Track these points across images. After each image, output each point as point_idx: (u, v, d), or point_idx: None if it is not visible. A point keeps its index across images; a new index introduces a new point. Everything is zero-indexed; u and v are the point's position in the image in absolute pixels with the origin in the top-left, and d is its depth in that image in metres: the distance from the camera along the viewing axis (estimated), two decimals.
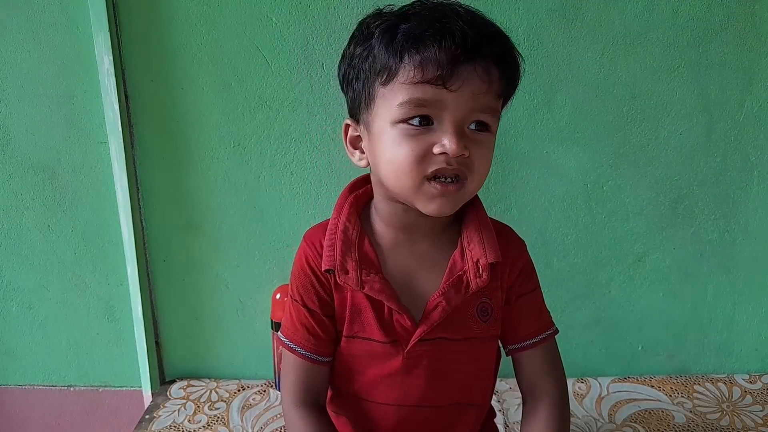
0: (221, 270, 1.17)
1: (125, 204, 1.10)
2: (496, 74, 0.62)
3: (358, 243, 0.71)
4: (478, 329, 0.72)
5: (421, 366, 0.72)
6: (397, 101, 0.62)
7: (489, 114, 0.63)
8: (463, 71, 0.60)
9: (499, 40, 0.63)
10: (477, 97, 0.61)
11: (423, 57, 0.59)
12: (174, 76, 1.07)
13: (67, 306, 1.21)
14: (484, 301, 0.72)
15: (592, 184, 1.11)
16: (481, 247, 0.70)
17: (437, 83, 0.60)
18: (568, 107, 1.08)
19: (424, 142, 0.62)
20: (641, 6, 1.03)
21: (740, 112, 1.08)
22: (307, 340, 0.74)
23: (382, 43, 0.62)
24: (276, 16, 1.04)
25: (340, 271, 0.69)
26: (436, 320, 0.70)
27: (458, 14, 0.61)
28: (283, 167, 1.11)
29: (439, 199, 0.64)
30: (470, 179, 0.64)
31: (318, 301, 0.73)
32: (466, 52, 0.59)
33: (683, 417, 1.07)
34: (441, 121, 0.62)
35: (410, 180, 0.63)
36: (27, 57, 1.07)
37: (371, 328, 0.71)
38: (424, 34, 0.60)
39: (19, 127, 1.11)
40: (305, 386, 0.75)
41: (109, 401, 1.26)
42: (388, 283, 0.70)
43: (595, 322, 1.19)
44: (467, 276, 0.70)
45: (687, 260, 1.15)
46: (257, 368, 1.21)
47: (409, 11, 0.63)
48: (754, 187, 1.12)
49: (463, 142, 0.61)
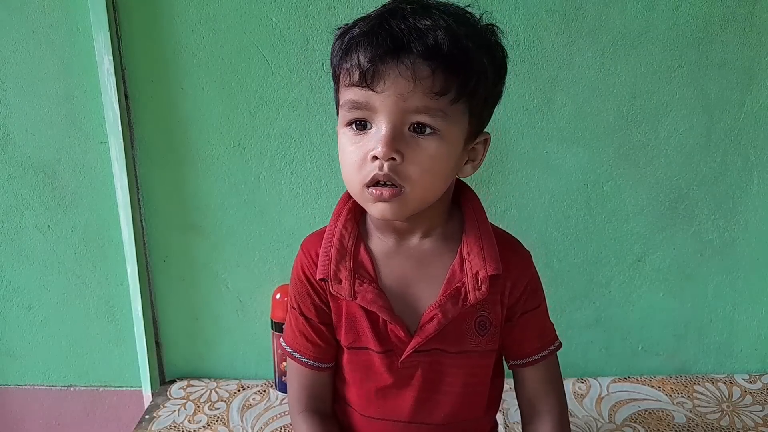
0: (221, 270, 1.17)
1: (125, 204, 1.10)
2: (425, 71, 0.58)
3: (354, 251, 0.70)
4: (476, 342, 0.71)
5: (414, 377, 0.72)
6: (341, 103, 0.64)
7: (426, 114, 0.60)
8: (385, 71, 0.59)
9: (432, 34, 0.58)
10: (405, 97, 0.59)
11: (351, 61, 0.60)
12: (174, 76, 1.07)
13: (67, 306, 1.21)
14: (482, 315, 0.71)
15: (592, 184, 1.11)
16: (481, 258, 0.68)
17: (362, 85, 0.60)
18: (568, 107, 1.08)
19: (362, 148, 0.62)
20: (641, 6, 1.03)
21: (740, 112, 1.08)
22: (306, 348, 0.75)
23: (335, 49, 0.64)
24: (276, 16, 1.04)
25: (333, 280, 0.69)
26: (431, 333, 0.68)
27: (398, 13, 0.60)
28: (283, 167, 1.11)
29: (379, 204, 0.63)
30: (409, 187, 0.62)
31: (314, 310, 0.74)
32: (385, 50, 0.58)
33: (683, 417, 1.07)
34: (375, 123, 0.61)
35: (353, 186, 0.64)
36: (27, 57, 1.07)
37: (366, 337, 0.71)
38: (357, 38, 0.61)
39: (19, 127, 1.11)
40: (308, 393, 0.76)
41: (109, 401, 1.26)
42: (381, 293, 0.69)
43: (595, 322, 1.19)
44: (466, 288, 0.68)
45: (687, 260, 1.15)
46: (257, 368, 1.21)
47: (370, 14, 0.63)
48: (754, 187, 1.12)
49: (394, 145, 0.60)
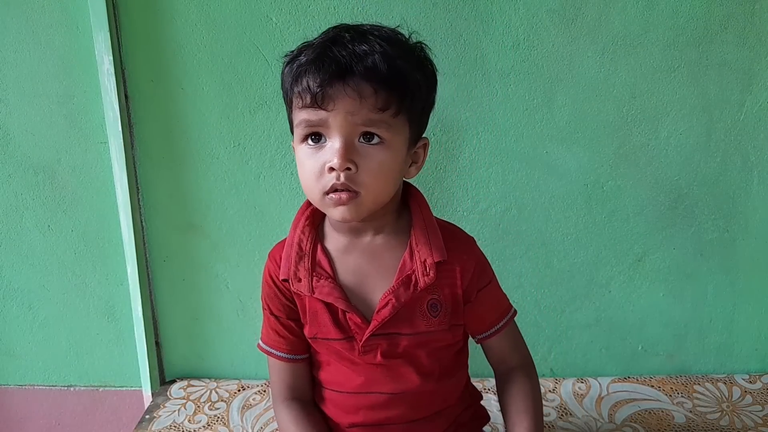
0: (221, 270, 1.17)
1: (125, 204, 1.10)
2: (368, 90, 0.67)
3: (312, 252, 0.78)
4: (428, 324, 0.78)
5: (377, 358, 0.78)
6: (296, 123, 0.71)
7: (373, 126, 0.68)
8: (333, 92, 0.67)
9: (371, 59, 0.67)
10: (353, 113, 0.67)
11: (302, 85, 0.68)
12: (174, 76, 1.07)
13: (67, 306, 1.21)
14: (433, 298, 0.78)
15: (592, 184, 1.11)
16: (428, 248, 0.76)
17: (314, 106, 0.67)
18: (568, 107, 1.08)
19: (319, 161, 0.69)
20: (641, 6, 1.03)
21: (740, 112, 1.08)
22: (279, 342, 0.82)
23: (286, 74, 0.72)
24: (276, 16, 1.04)
25: (293, 279, 0.77)
26: (386, 316, 0.75)
27: (339, 41, 0.68)
28: (283, 167, 1.11)
29: (339, 207, 0.70)
30: (363, 191, 0.69)
31: (282, 308, 0.82)
32: (332, 75, 0.66)
33: (683, 417, 1.07)
34: (330, 137, 0.69)
35: (314, 195, 0.72)
36: (27, 57, 1.07)
37: (327, 328, 0.78)
38: (305, 65, 0.68)
39: (19, 127, 1.11)
40: (286, 383, 0.83)
41: (109, 401, 1.26)
42: (337, 286, 0.76)
43: (595, 322, 1.19)
44: (416, 275, 0.76)
45: (687, 260, 1.15)
46: (257, 368, 1.22)
47: (312, 42, 0.71)
48: (754, 187, 1.12)
49: (348, 156, 0.68)
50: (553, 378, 1.18)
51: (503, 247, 1.14)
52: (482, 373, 0.87)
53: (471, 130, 1.09)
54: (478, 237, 1.12)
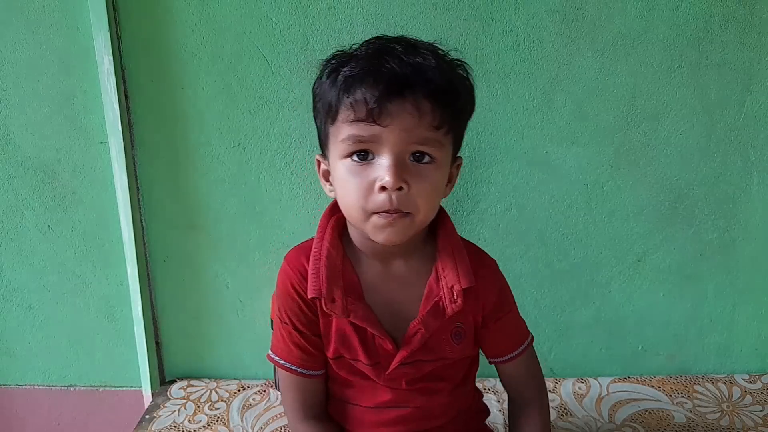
0: (221, 270, 1.17)
1: (125, 204, 1.10)
2: (427, 107, 0.64)
3: (343, 269, 0.74)
4: (451, 351, 0.77)
5: (402, 382, 0.77)
6: (340, 138, 0.66)
7: (426, 145, 0.66)
8: (392, 108, 0.63)
9: (430, 74, 0.64)
10: (409, 131, 0.64)
11: (355, 98, 0.64)
12: (174, 76, 1.07)
13: (67, 306, 1.21)
14: (458, 326, 0.76)
15: (592, 184, 1.11)
16: (455, 273, 0.73)
17: (368, 120, 0.64)
18: (568, 107, 1.08)
19: (366, 178, 0.66)
20: (641, 6, 1.03)
21: (740, 112, 1.08)
22: (302, 359, 0.78)
23: (327, 85, 0.67)
24: (276, 16, 1.04)
25: (327, 299, 0.72)
26: (417, 346, 0.74)
27: (393, 53, 0.65)
28: (283, 167, 1.11)
29: (388, 228, 0.66)
30: (415, 212, 0.66)
31: (307, 324, 0.77)
32: (391, 89, 0.63)
33: (683, 417, 1.07)
34: (380, 154, 0.65)
35: (358, 214, 0.67)
36: (27, 57, 1.07)
37: (356, 351, 0.76)
38: (357, 77, 0.64)
39: (19, 127, 1.11)
40: (307, 401, 0.80)
41: (109, 401, 1.26)
42: (371, 310, 0.74)
43: (595, 322, 1.19)
44: (443, 302, 0.73)
45: (687, 260, 1.15)
46: (257, 368, 1.21)
47: (355, 53, 0.68)
48: (754, 187, 1.12)
49: (401, 175, 0.64)
50: (553, 378, 1.18)
51: (503, 247, 1.14)
52: (482, 372, 0.87)
53: (471, 130, 1.07)
54: (478, 237, 1.13)
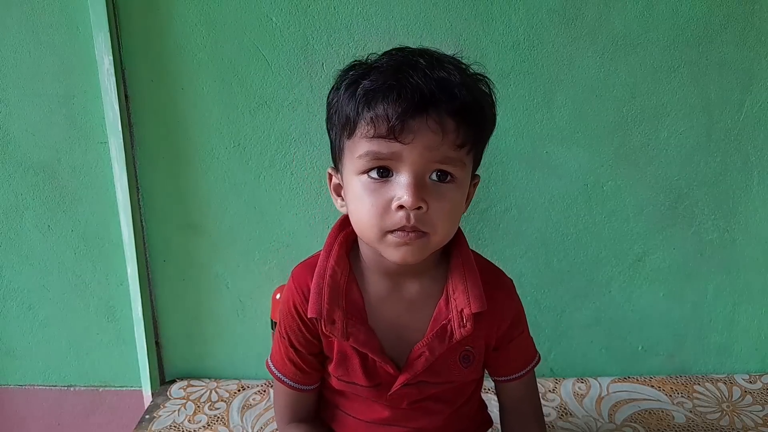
0: (221, 270, 1.17)
1: (125, 204, 1.10)
2: (451, 125, 0.61)
3: (347, 289, 0.72)
4: (459, 374, 0.75)
5: (404, 401, 0.76)
6: (357, 154, 0.63)
7: (448, 164, 0.63)
8: (414, 125, 0.60)
9: (456, 90, 0.61)
10: (432, 149, 0.61)
11: (375, 113, 0.61)
12: (174, 76, 1.07)
13: (67, 306, 1.21)
14: (467, 350, 0.74)
15: (592, 184, 1.11)
16: (465, 296, 0.70)
17: (389, 137, 0.60)
18: (568, 107, 1.08)
19: (383, 196, 0.63)
20: (641, 6, 1.03)
21: (740, 112, 1.08)
22: (294, 373, 0.78)
23: (345, 98, 0.64)
24: (276, 16, 1.04)
25: (326, 321, 0.70)
26: (419, 370, 0.72)
27: (417, 67, 0.62)
28: (283, 167, 1.11)
29: (403, 247, 0.64)
30: (432, 232, 0.64)
31: (305, 343, 0.76)
32: (415, 106, 0.59)
33: (683, 417, 1.07)
34: (399, 172, 0.62)
35: (372, 233, 0.64)
36: (27, 57, 1.07)
37: (356, 374, 0.74)
38: (378, 91, 0.61)
39: (19, 127, 1.11)
40: (294, 409, 0.81)
41: (109, 401, 1.26)
42: (372, 334, 0.71)
43: (595, 322, 1.19)
44: (452, 325, 0.71)
45: (687, 260, 1.15)
46: (257, 368, 1.21)
47: (375, 64, 0.64)
48: (754, 187, 1.12)
49: (420, 194, 0.61)
50: (553, 378, 1.18)
51: (503, 247, 1.14)
52: None
53: None
54: (478, 237, 1.13)
